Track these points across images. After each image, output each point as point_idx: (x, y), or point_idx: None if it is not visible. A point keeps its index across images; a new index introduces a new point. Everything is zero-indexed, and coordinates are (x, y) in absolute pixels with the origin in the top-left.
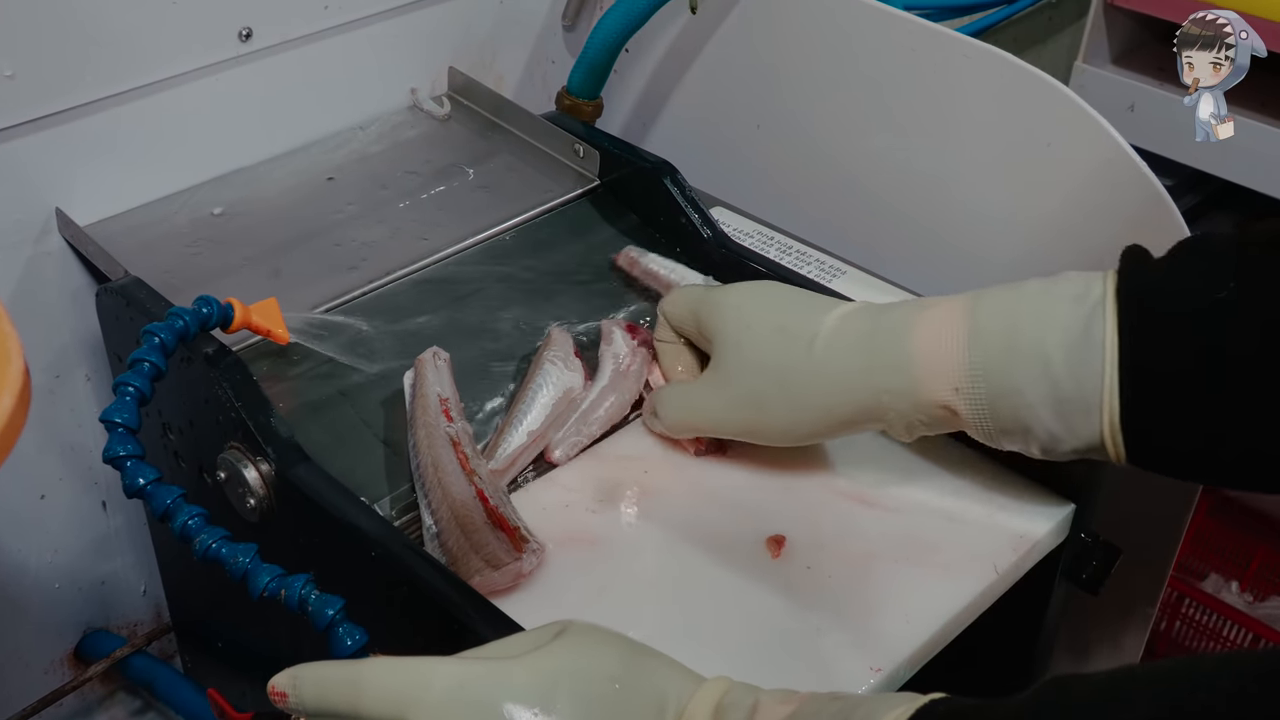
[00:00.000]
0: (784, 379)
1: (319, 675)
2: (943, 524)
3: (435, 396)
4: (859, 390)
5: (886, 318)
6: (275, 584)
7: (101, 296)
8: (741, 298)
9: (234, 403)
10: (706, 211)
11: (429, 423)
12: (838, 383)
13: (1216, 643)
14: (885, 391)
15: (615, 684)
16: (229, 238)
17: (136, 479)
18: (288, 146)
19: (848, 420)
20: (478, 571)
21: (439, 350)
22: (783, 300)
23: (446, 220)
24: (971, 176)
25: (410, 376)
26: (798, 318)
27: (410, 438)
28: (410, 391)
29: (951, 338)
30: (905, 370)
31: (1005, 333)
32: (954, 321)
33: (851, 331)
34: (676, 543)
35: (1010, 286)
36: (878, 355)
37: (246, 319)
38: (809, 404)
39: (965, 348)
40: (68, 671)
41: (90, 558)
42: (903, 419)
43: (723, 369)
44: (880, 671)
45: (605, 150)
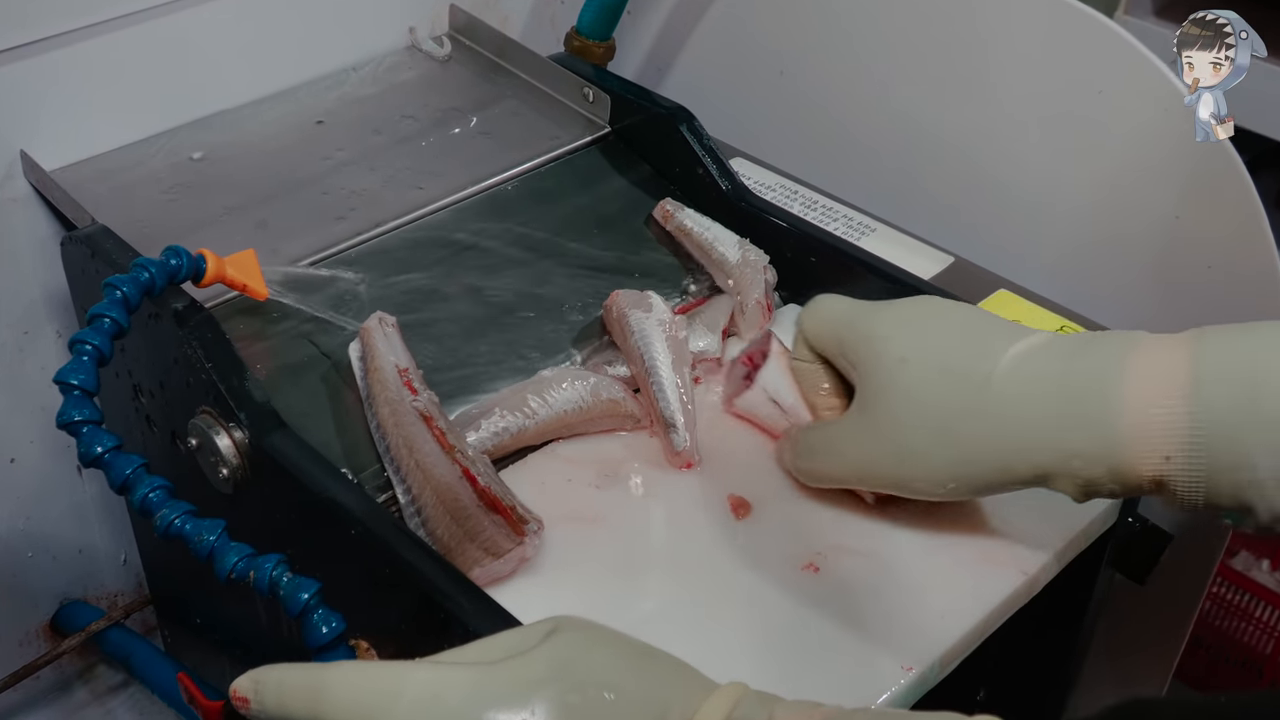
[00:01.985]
0: (949, 429)
1: (280, 679)
2: (982, 509)
3: (392, 368)
4: (1044, 450)
5: (1085, 360)
6: (244, 565)
7: (66, 246)
8: (897, 326)
9: (204, 364)
10: (725, 162)
11: (391, 399)
12: (1018, 438)
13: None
14: (1078, 455)
15: (609, 693)
16: (209, 185)
17: (93, 447)
18: (274, 88)
19: (1023, 480)
20: (477, 562)
21: (384, 315)
22: (949, 329)
23: (444, 169)
24: (1013, 126)
25: (356, 348)
26: (968, 353)
27: (371, 418)
28: (360, 365)
29: (1172, 396)
30: (1108, 431)
31: (1242, 394)
32: (1174, 373)
33: (1039, 373)
34: (689, 523)
35: (1242, 330)
36: (1073, 407)
37: (221, 272)
38: (978, 460)
39: (1189, 410)
40: (44, 643)
41: (65, 525)
42: (1089, 484)
43: (873, 414)
44: (913, 670)
45: (617, 95)
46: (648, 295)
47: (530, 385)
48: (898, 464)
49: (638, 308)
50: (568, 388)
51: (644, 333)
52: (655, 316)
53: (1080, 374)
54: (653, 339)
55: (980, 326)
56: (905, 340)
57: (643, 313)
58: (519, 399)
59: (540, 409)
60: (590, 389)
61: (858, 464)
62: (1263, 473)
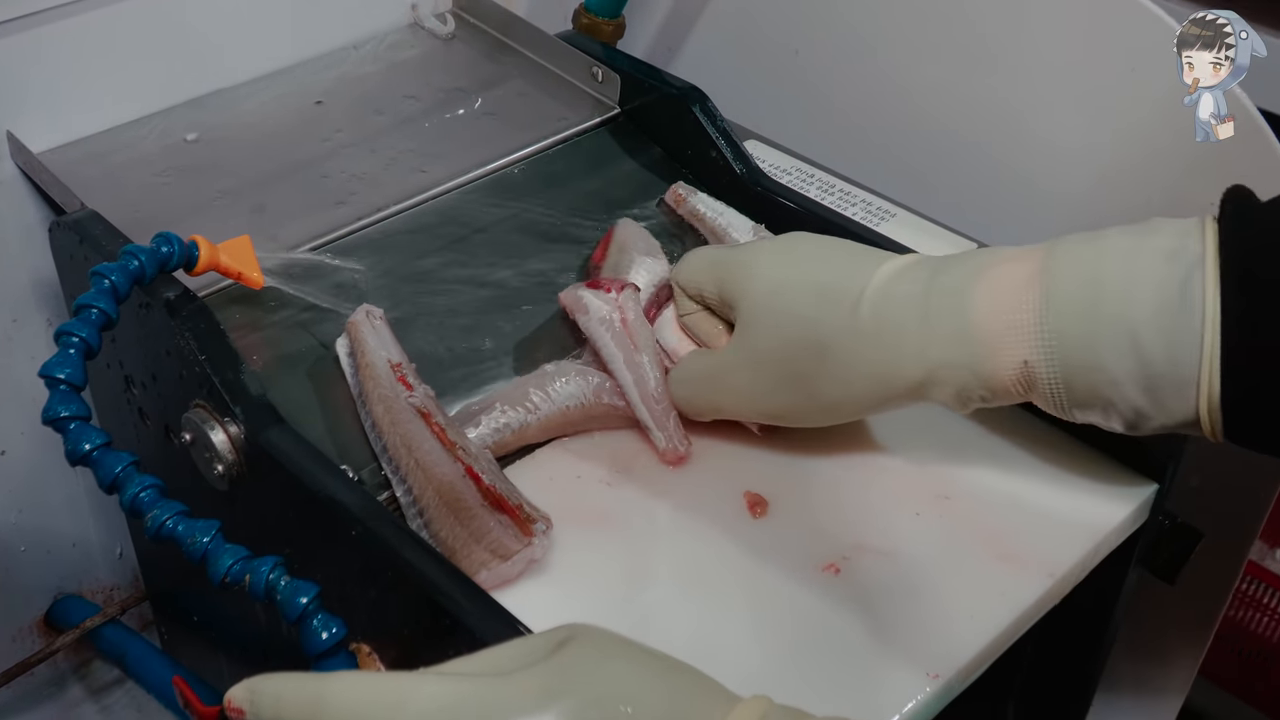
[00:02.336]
0: (825, 348)
1: (278, 690)
2: (1009, 507)
3: (384, 363)
4: (914, 362)
5: (944, 275)
6: (239, 568)
7: (54, 232)
8: (769, 254)
9: (197, 355)
10: (740, 144)
11: (385, 396)
12: (890, 352)
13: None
14: (943, 365)
15: (628, 707)
16: (203, 168)
17: (81, 444)
18: (272, 66)
19: (900, 394)
20: (483, 565)
21: (371, 308)
22: (820, 254)
23: (448, 151)
24: (1040, 106)
25: (344, 343)
26: (839, 274)
27: (365, 417)
28: (349, 362)
29: (1022, 302)
30: (966, 339)
31: (1085, 297)
32: (1024, 282)
33: (903, 291)
34: (704, 522)
35: (1089, 238)
36: (934, 321)
37: (214, 259)
38: (855, 377)
39: (1038, 315)
40: (38, 639)
41: (59, 518)
42: (960, 392)
43: (750, 340)
44: (939, 678)
45: (627, 74)
46: (580, 294)
47: (533, 379)
48: (776, 389)
49: (579, 311)
50: (570, 383)
51: (594, 336)
52: (595, 315)
53: (941, 288)
54: (600, 340)
55: (851, 251)
56: (778, 268)
57: (583, 315)
58: (521, 394)
59: (543, 404)
60: (593, 388)
61: (739, 393)
62: (1114, 371)
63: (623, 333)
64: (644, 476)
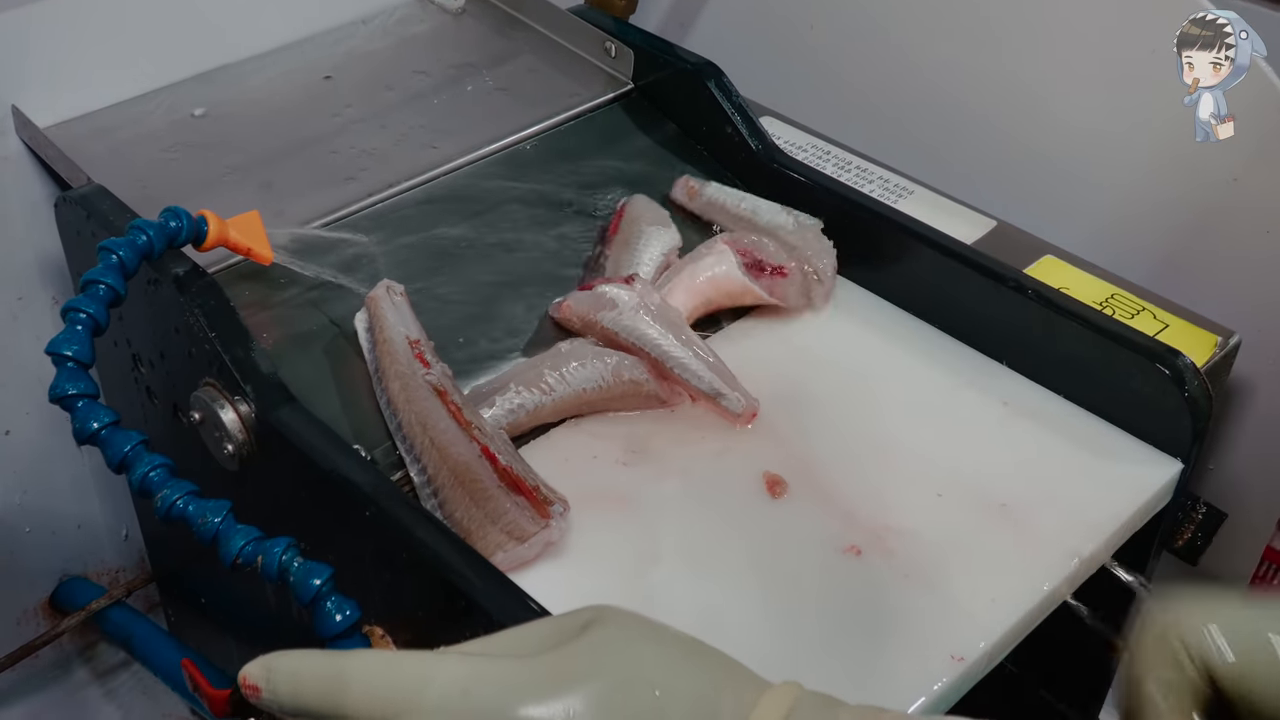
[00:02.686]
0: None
1: (295, 668)
2: (1032, 488)
3: (402, 339)
4: None
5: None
6: (251, 549)
7: (60, 207)
8: None
9: (207, 333)
10: (756, 120)
11: (401, 372)
12: None
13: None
14: None
15: (656, 691)
16: (211, 143)
17: (89, 423)
18: (280, 41)
19: None
20: (499, 546)
21: (392, 283)
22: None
23: (459, 127)
24: (1060, 84)
25: (363, 318)
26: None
27: (380, 393)
28: (367, 337)
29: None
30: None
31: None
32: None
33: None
34: (722, 503)
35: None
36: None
37: (223, 235)
38: None
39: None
40: (43, 621)
41: (64, 499)
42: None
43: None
44: (963, 661)
45: (640, 49)
46: (602, 292)
47: (547, 360)
48: None
49: (603, 308)
50: (587, 365)
51: (630, 329)
52: (628, 306)
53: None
54: (642, 330)
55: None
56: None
57: (610, 311)
58: (536, 374)
59: (558, 385)
60: (611, 368)
61: None
62: None
63: (663, 309)
64: (660, 457)
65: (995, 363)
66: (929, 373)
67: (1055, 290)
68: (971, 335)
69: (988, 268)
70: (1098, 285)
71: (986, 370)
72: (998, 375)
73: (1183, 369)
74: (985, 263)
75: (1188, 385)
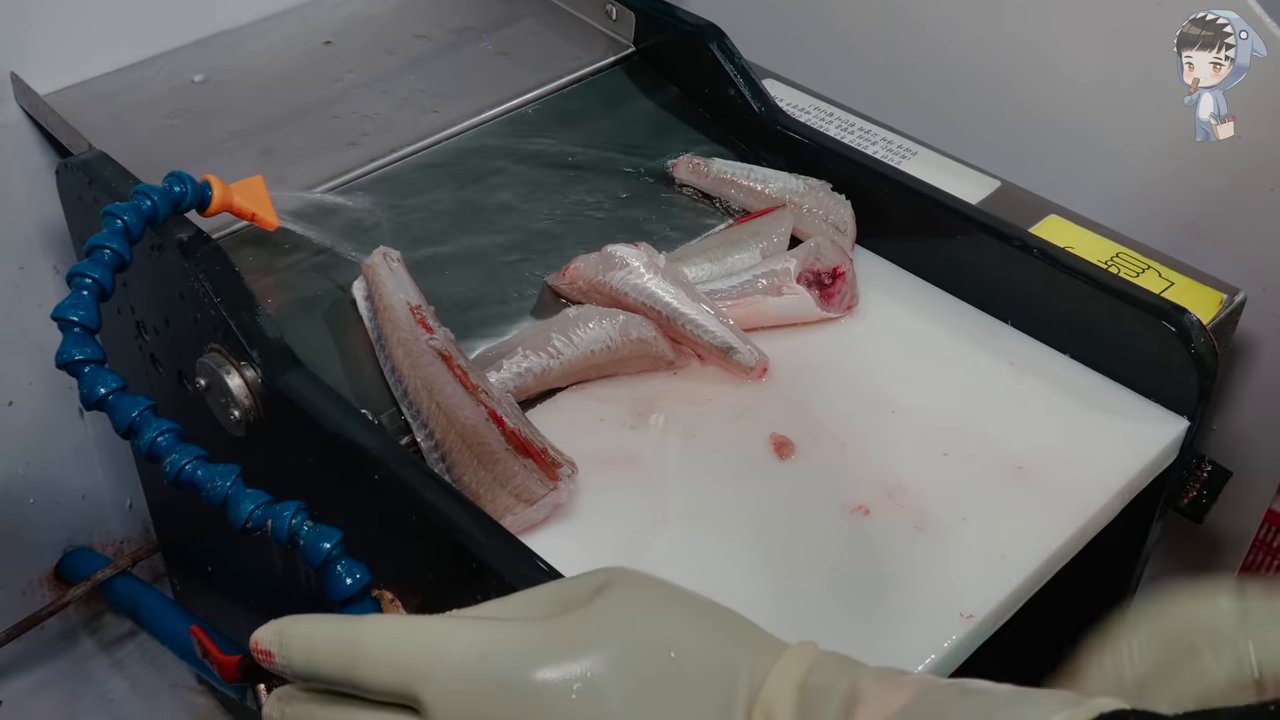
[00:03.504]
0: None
1: (309, 633)
2: (1039, 446)
3: (403, 305)
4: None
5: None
6: (261, 513)
7: (62, 174)
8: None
9: (213, 298)
10: (758, 83)
11: (404, 339)
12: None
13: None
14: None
15: (672, 653)
16: (212, 109)
17: (96, 388)
18: (279, 6)
19: None
20: (508, 510)
21: (388, 250)
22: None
23: (461, 91)
24: (1062, 41)
25: (361, 287)
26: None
27: (384, 360)
28: (367, 305)
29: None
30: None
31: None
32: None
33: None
34: (730, 465)
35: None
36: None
37: (227, 200)
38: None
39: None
40: (48, 592)
41: (67, 469)
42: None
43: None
44: (973, 619)
45: (641, 11)
46: (611, 252)
47: (555, 324)
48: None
49: (613, 269)
50: (595, 327)
51: (641, 288)
52: (638, 264)
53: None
54: (653, 289)
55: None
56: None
57: (621, 272)
58: (543, 338)
59: (565, 349)
60: (619, 327)
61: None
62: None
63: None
64: (667, 419)
65: (1001, 323)
66: (936, 333)
67: (1060, 249)
68: (977, 295)
69: (993, 227)
70: (1102, 244)
71: (992, 330)
72: (1004, 335)
73: (1189, 326)
74: (990, 222)
75: (1194, 342)
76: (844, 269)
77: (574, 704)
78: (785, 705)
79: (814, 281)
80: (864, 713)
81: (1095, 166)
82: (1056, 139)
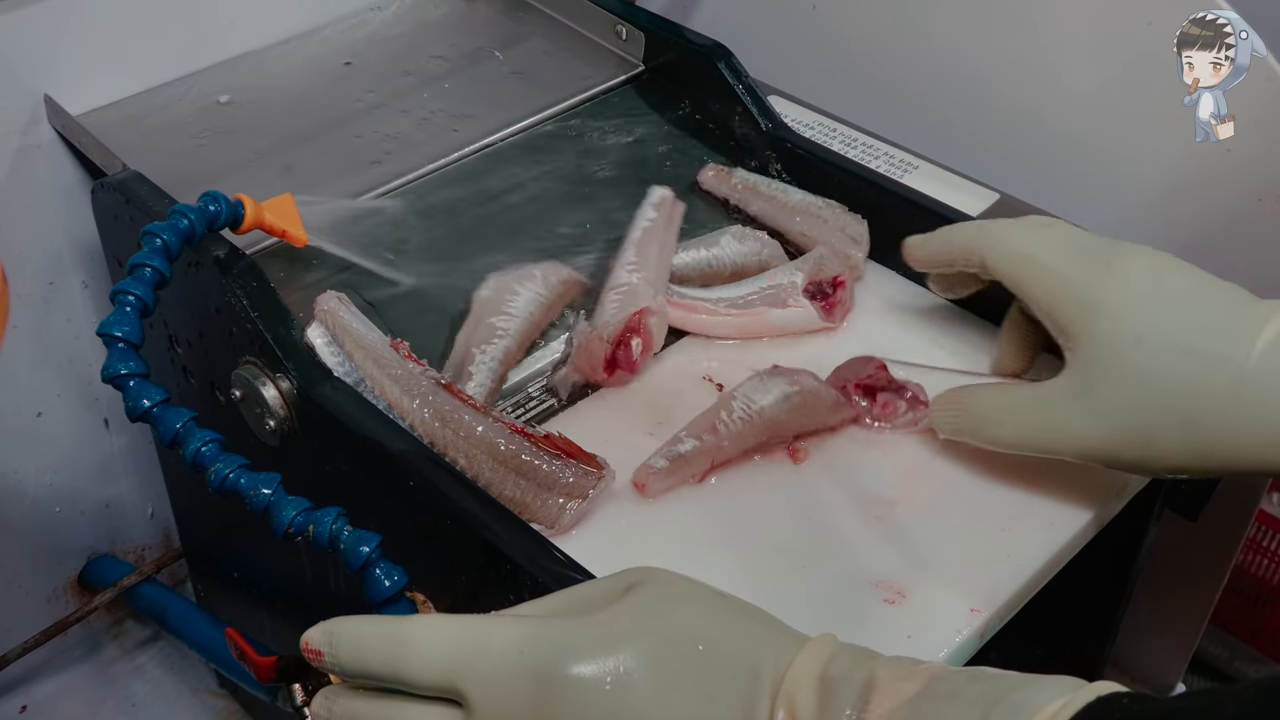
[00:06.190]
0: (1193, 419)
1: (357, 633)
2: None
3: (384, 342)
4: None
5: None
6: (303, 519)
7: (98, 193)
8: (1128, 299)
9: (249, 312)
10: (765, 100)
11: (398, 375)
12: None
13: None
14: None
15: (700, 646)
16: (237, 129)
17: (141, 400)
18: (299, 28)
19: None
20: (563, 509)
21: (339, 293)
22: (1187, 303)
23: (478, 110)
24: (1058, 58)
25: (320, 331)
26: (1214, 335)
27: (376, 400)
28: (332, 349)
29: None
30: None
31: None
32: None
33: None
34: (748, 468)
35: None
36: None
37: (259, 218)
38: (1224, 452)
39: None
40: (72, 600)
41: (92, 479)
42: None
43: (1098, 393)
44: (980, 614)
45: (650, 31)
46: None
47: (484, 308)
48: (1124, 447)
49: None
50: (521, 289)
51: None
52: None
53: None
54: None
55: (1222, 301)
56: (1139, 316)
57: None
58: (485, 329)
59: (508, 324)
60: (541, 279)
61: (1078, 441)
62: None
63: None
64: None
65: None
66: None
67: None
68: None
69: None
70: None
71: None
72: None
73: None
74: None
75: None
76: (843, 278)
77: (608, 695)
78: (806, 694)
79: (816, 293)
80: (879, 700)
81: (1094, 179)
82: (1055, 152)
